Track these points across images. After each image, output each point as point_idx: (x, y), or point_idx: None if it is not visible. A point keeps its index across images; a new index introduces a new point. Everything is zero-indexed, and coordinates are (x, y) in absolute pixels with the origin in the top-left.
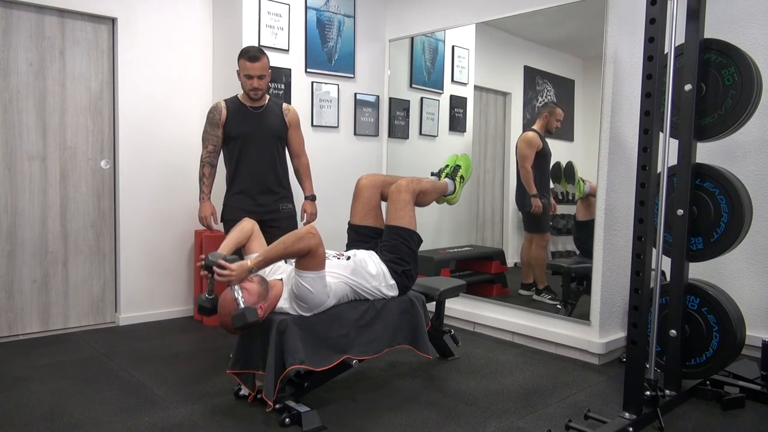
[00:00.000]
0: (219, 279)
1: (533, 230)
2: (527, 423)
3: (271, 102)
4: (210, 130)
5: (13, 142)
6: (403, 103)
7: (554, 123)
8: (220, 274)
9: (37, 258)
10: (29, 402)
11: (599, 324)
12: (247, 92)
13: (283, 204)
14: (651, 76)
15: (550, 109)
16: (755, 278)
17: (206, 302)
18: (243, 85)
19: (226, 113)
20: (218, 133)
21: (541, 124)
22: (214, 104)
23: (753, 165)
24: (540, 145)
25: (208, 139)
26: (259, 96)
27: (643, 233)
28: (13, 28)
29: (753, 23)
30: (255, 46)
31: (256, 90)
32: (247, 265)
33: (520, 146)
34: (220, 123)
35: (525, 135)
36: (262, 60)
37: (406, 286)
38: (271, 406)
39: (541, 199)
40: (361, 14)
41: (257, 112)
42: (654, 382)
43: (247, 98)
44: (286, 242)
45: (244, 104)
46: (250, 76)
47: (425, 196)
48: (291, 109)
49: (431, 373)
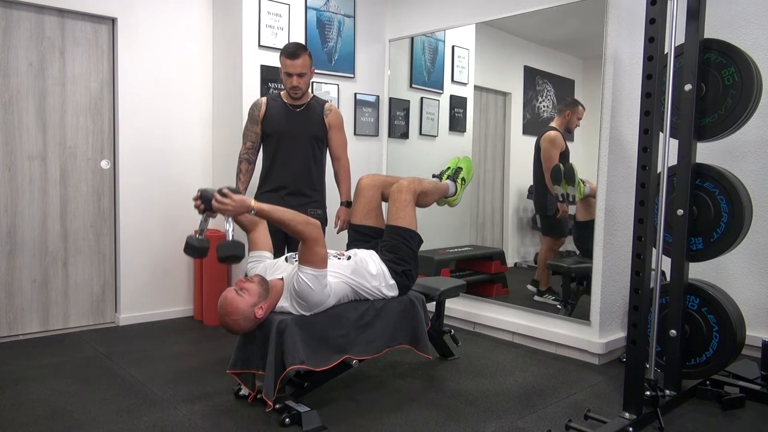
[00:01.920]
0: (216, 206)
1: (550, 233)
2: (527, 423)
3: (314, 101)
4: (249, 126)
5: (13, 142)
6: (403, 103)
7: (575, 121)
8: (220, 202)
9: (37, 258)
10: (29, 402)
11: (599, 324)
12: (287, 91)
13: (312, 209)
14: (651, 76)
15: (573, 107)
16: (755, 278)
17: (195, 241)
18: (284, 83)
19: (266, 109)
20: (257, 129)
21: (561, 122)
22: (255, 100)
23: (753, 165)
24: (563, 146)
25: (247, 135)
26: (299, 95)
27: (643, 233)
28: (13, 28)
29: (753, 23)
30: (296, 42)
31: (296, 89)
32: (249, 203)
33: (544, 146)
34: (259, 119)
35: (548, 134)
36: (302, 57)
37: (406, 286)
38: (271, 406)
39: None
40: (361, 14)
41: (297, 110)
42: (654, 382)
43: (288, 96)
44: (295, 216)
45: (285, 102)
46: (289, 74)
47: (426, 196)
48: (333, 109)
49: (431, 373)
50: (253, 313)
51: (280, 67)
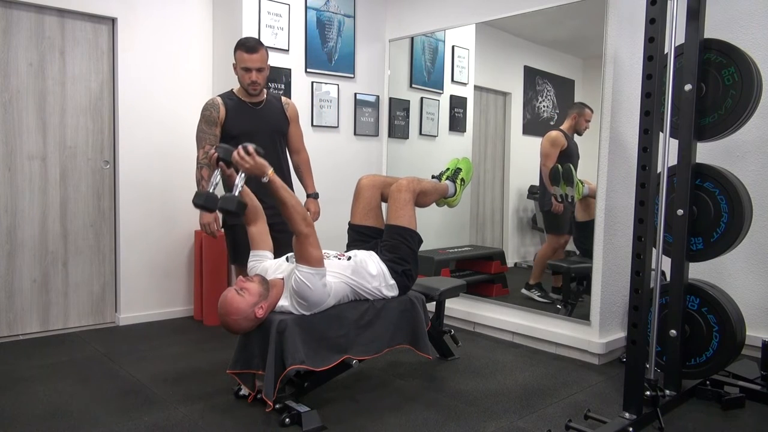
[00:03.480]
0: (237, 159)
1: (551, 231)
2: (527, 423)
3: (270, 96)
4: (207, 128)
5: (13, 142)
6: (403, 103)
7: (583, 123)
8: (242, 157)
9: (37, 258)
10: (29, 402)
11: (599, 324)
12: (245, 87)
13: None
14: (651, 76)
15: (579, 109)
16: (755, 278)
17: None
18: (240, 79)
19: (225, 110)
20: (216, 132)
21: (569, 125)
22: (209, 101)
23: (753, 165)
24: (564, 144)
25: (205, 138)
26: (257, 91)
27: (643, 233)
28: (13, 28)
29: (753, 23)
30: (253, 37)
31: (255, 84)
32: (267, 170)
33: (543, 144)
34: (219, 121)
35: (549, 134)
36: (261, 51)
37: (406, 286)
38: (271, 406)
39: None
40: (361, 14)
41: (257, 107)
42: (654, 382)
43: (245, 93)
44: (298, 206)
45: (243, 100)
46: (248, 68)
47: (426, 196)
48: (290, 103)
49: (431, 373)
50: (253, 313)
51: (236, 63)
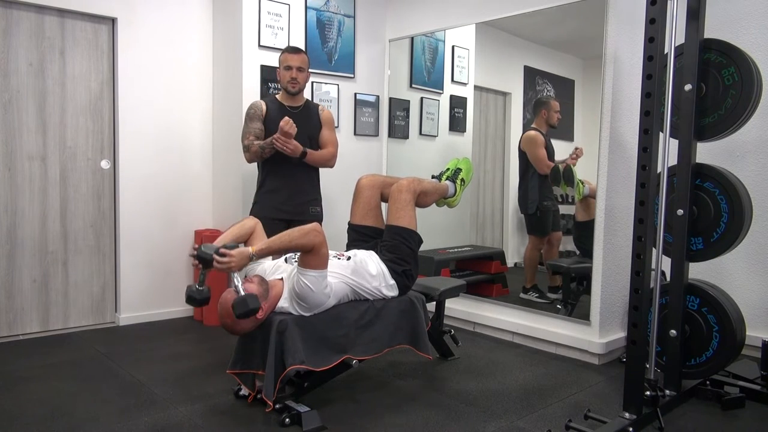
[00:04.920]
0: (218, 267)
1: (533, 232)
2: (527, 423)
3: (309, 103)
4: (251, 123)
5: (13, 142)
6: (403, 103)
7: (554, 116)
8: (220, 262)
9: (37, 258)
10: (29, 402)
11: (599, 324)
12: (285, 85)
13: (312, 206)
14: (651, 76)
15: (545, 104)
16: (755, 278)
17: (196, 293)
18: (281, 78)
19: (266, 110)
20: (259, 125)
21: (540, 122)
22: (253, 102)
23: (753, 165)
24: (544, 142)
25: (250, 131)
26: (296, 90)
27: (643, 233)
28: (13, 28)
29: (753, 23)
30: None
31: (294, 81)
32: (249, 251)
33: (528, 148)
34: (261, 116)
35: (527, 135)
36: (302, 55)
37: (406, 285)
38: (271, 406)
39: (545, 202)
40: (361, 14)
41: (295, 111)
42: (654, 382)
43: (285, 96)
44: (292, 235)
45: (283, 103)
46: (289, 66)
47: (426, 196)
48: (326, 110)
49: (431, 373)
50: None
51: (279, 64)
